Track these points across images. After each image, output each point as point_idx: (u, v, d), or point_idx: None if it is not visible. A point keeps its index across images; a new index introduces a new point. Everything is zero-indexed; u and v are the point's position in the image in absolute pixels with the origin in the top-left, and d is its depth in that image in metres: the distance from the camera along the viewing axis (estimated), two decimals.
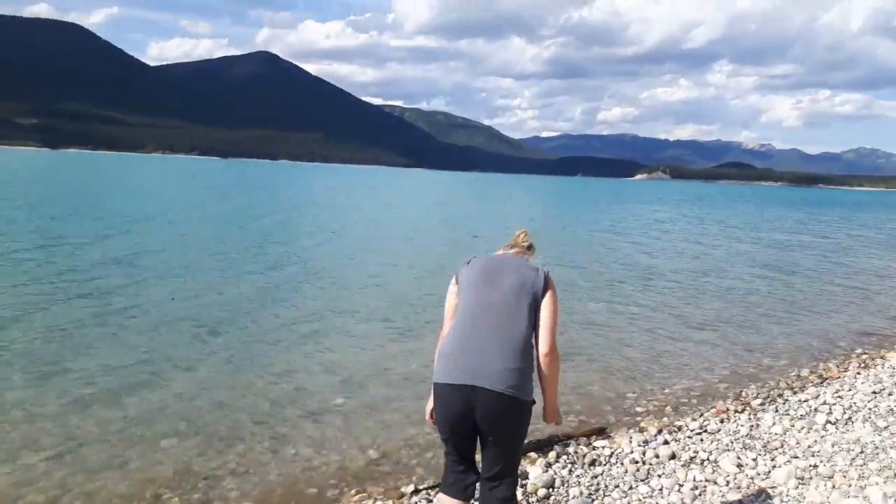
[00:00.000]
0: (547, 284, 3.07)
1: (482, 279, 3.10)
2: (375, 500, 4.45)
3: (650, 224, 34.79)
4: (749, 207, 65.70)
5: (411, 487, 4.62)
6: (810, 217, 50.85)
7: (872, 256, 22.94)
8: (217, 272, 13.36)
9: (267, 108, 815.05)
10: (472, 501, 3.14)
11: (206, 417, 5.98)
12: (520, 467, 4.95)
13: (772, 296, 13.85)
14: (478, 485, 3.13)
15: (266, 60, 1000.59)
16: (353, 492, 4.77)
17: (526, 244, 3.38)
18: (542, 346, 3.01)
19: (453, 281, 3.20)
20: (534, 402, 3.01)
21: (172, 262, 14.28)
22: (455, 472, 3.14)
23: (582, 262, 17.92)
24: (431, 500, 4.35)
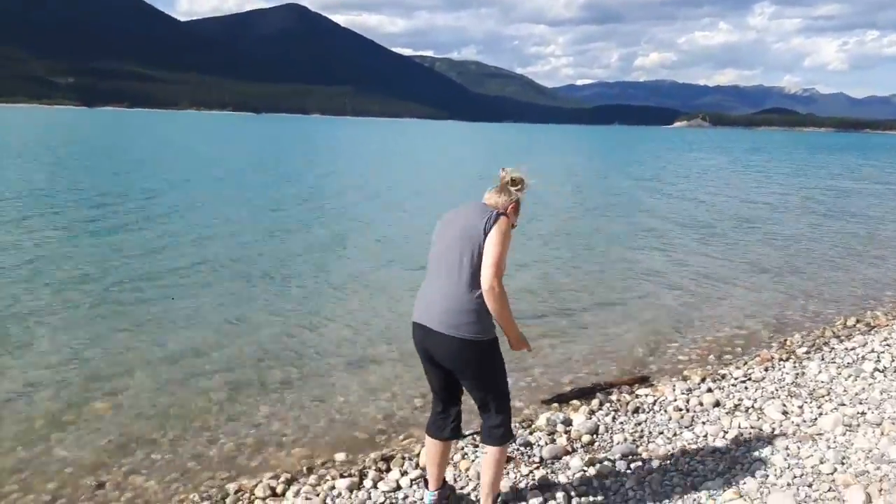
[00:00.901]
0: (492, 225, 3.08)
1: (442, 228, 3.29)
2: (422, 444, 4.55)
3: (690, 173, 34.15)
4: (795, 154, 63.93)
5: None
6: (858, 163, 49.35)
7: None
8: (256, 228, 13.56)
9: (297, 62, 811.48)
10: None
11: (255, 367, 6.15)
12: (559, 413, 5.05)
13: (817, 243, 13.60)
14: (459, 427, 3.48)
15: (295, 13, 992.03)
16: (401, 437, 4.90)
17: (506, 180, 3.33)
18: (482, 280, 3.05)
19: (434, 232, 3.36)
20: (492, 339, 3.16)
21: (212, 217, 14.53)
22: (435, 412, 3.47)
23: (622, 212, 17.80)
24: (478, 446, 4.44)
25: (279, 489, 4.10)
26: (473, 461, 4.26)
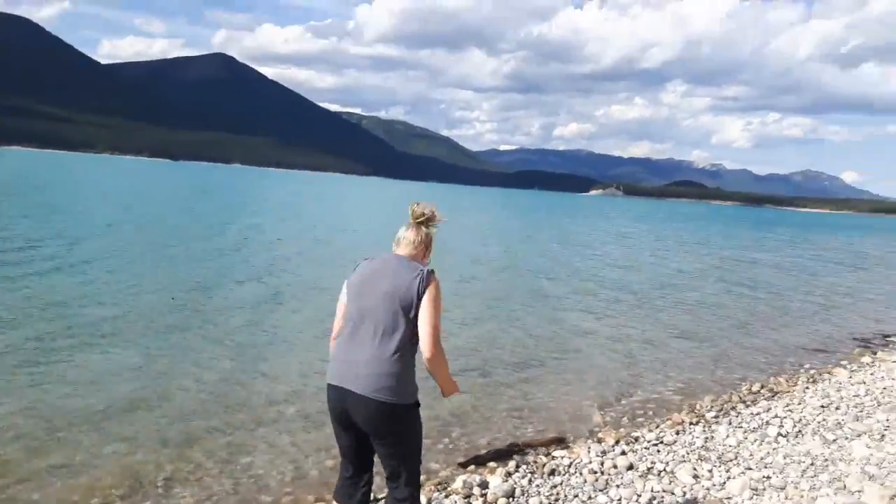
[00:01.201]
0: (425, 287, 2.99)
1: (362, 285, 3.11)
2: None
3: (609, 239, 35.34)
4: (702, 225, 67.31)
5: (383, 493, 4.53)
6: (762, 235, 52.39)
7: (823, 274, 23.76)
8: (176, 279, 13.04)
9: (222, 111, 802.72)
10: None
11: (156, 425, 5.78)
12: (476, 476, 4.96)
13: (725, 309, 14.18)
14: (369, 493, 3.28)
15: (222, 62, 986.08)
16: (312, 499, 4.67)
17: (420, 218, 3.22)
18: (423, 351, 2.99)
19: (344, 284, 3.22)
20: (415, 403, 3.06)
21: (132, 266, 13.89)
22: (343, 477, 3.27)
23: (545, 273, 18.17)
24: None
25: None
26: None
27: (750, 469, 5.23)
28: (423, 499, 4.44)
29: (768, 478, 5.01)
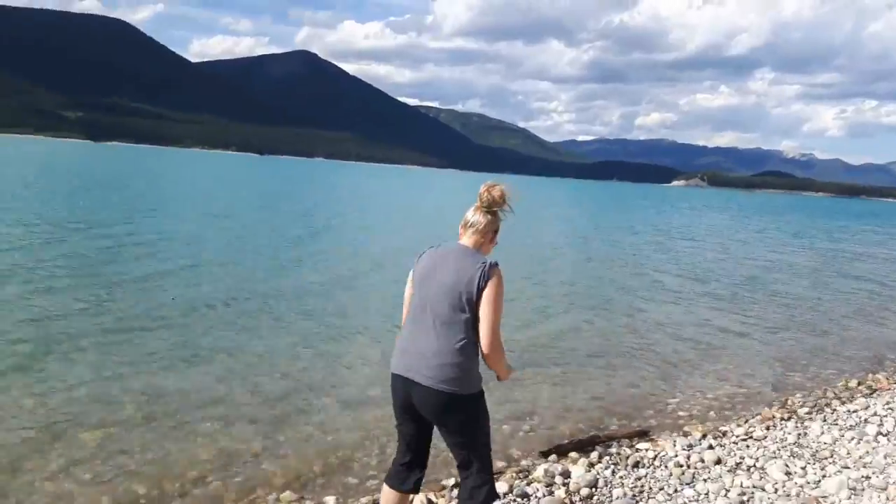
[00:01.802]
0: (487, 279, 2.94)
1: (425, 276, 3.08)
2: None
3: (696, 230, 34.32)
4: (794, 216, 64.45)
5: (452, 481, 4.58)
6: (859, 227, 49.73)
7: None
8: (263, 265, 13.52)
9: (305, 107, 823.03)
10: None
11: (247, 403, 6.03)
12: (558, 465, 4.93)
13: (820, 303, 13.58)
14: (423, 481, 3.32)
15: (305, 59, 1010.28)
16: None
17: (487, 202, 3.11)
18: (482, 345, 2.97)
19: (410, 274, 3.20)
20: (479, 392, 3.05)
21: (209, 251, 14.50)
22: (399, 464, 3.27)
23: (630, 265, 17.88)
24: None
25: None
26: None
27: (847, 468, 5.00)
28: (504, 486, 4.46)
29: (867, 477, 4.77)
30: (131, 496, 4.35)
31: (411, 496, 3.33)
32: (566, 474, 4.77)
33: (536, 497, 4.39)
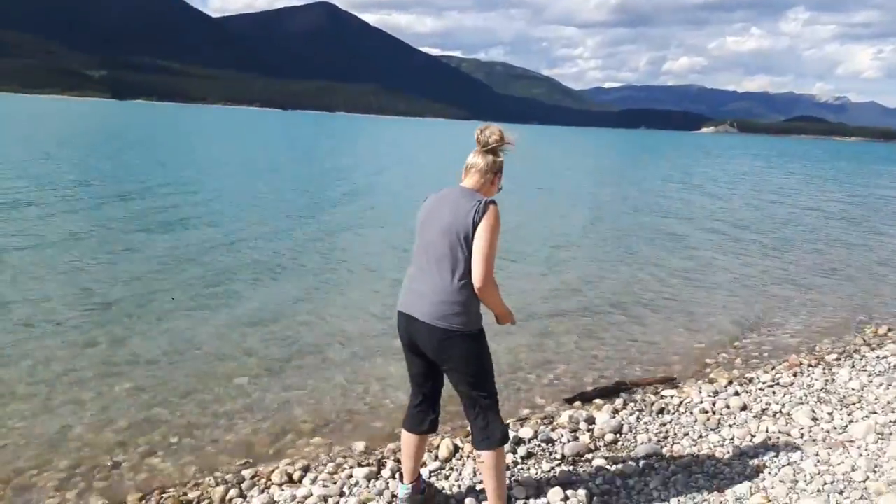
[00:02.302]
0: (481, 216, 2.94)
1: (426, 218, 3.13)
2: (442, 437, 4.49)
3: (725, 177, 33.74)
4: (827, 163, 62.95)
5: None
6: (892, 172, 48.51)
7: None
8: (301, 222, 13.63)
9: (326, 60, 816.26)
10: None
11: (277, 353, 6.14)
12: (582, 411, 4.97)
13: (849, 251, 13.34)
14: (437, 421, 3.39)
15: (326, 11, 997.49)
16: None
17: (487, 145, 3.12)
18: (474, 278, 2.96)
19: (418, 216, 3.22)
20: (479, 331, 3.07)
21: (227, 210, 14.62)
22: (413, 406, 3.37)
23: (655, 213, 17.67)
24: None
25: (296, 476, 4.05)
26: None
27: (875, 413, 4.96)
28: (528, 432, 4.51)
29: (895, 422, 4.74)
30: (164, 444, 4.48)
31: (430, 437, 3.39)
32: (591, 420, 4.81)
33: (561, 442, 4.44)
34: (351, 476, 3.99)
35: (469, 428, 3.30)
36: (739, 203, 21.56)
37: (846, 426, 4.73)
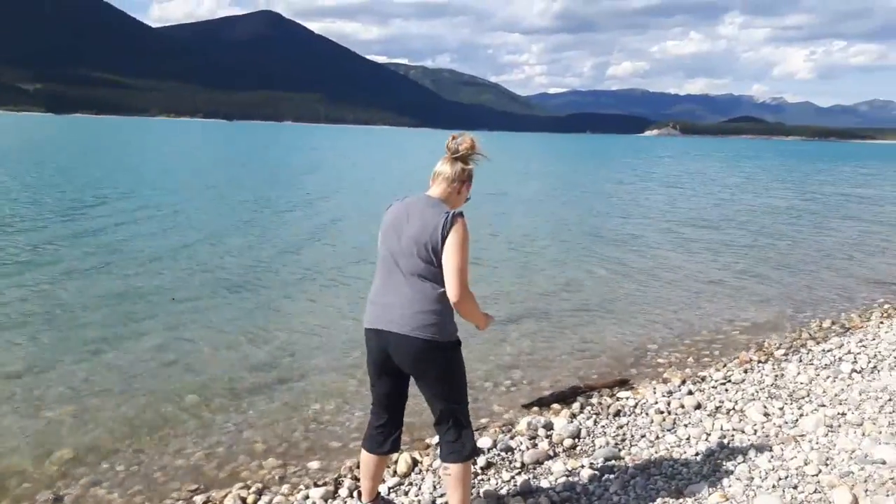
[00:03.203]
0: (449, 229, 2.88)
1: (391, 227, 3.03)
2: (400, 451, 4.40)
3: (668, 179, 34.45)
4: (767, 162, 65.02)
5: (437, 439, 4.58)
6: (829, 170, 50.36)
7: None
8: (238, 238, 13.35)
9: (271, 69, 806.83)
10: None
11: (226, 374, 5.96)
12: (540, 417, 4.96)
13: (791, 245, 13.77)
14: (400, 440, 3.31)
15: (269, 19, 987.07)
16: None
17: (457, 153, 3.06)
18: (449, 295, 2.90)
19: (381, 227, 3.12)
20: (456, 342, 3.02)
21: (197, 224, 14.26)
22: (374, 426, 3.25)
23: (603, 214, 17.93)
24: None
25: (250, 500, 3.93)
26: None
27: (823, 406, 5.08)
28: (487, 441, 4.47)
29: (843, 414, 4.86)
30: (110, 473, 4.28)
31: (391, 456, 3.31)
32: (549, 426, 4.80)
33: (520, 450, 4.41)
34: (307, 497, 3.89)
35: (428, 440, 3.24)
36: (685, 202, 22.07)
37: (797, 420, 4.82)
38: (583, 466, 4.13)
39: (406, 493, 3.87)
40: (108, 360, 6.16)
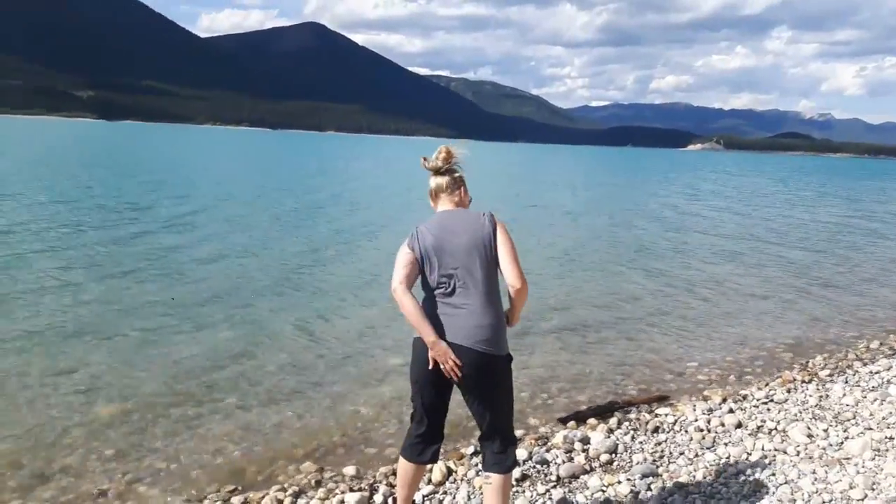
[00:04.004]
0: (494, 226, 3.04)
1: (440, 246, 3.02)
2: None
3: (715, 194, 33.93)
4: (816, 177, 63.61)
5: (471, 449, 4.59)
6: (883, 187, 49.08)
7: None
8: (289, 243, 13.56)
9: (315, 80, 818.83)
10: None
11: (267, 377, 6.06)
12: (577, 431, 4.92)
13: (839, 265, 13.39)
14: (440, 451, 3.31)
15: (314, 31, 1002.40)
16: None
17: (434, 168, 3.19)
18: (509, 279, 3.00)
19: (406, 247, 3.07)
20: (510, 357, 3.05)
21: (250, 229, 14.54)
22: (415, 435, 3.22)
23: (644, 230, 17.70)
24: None
25: (286, 502, 3.97)
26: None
27: (870, 429, 4.93)
28: (523, 453, 4.45)
29: (891, 438, 4.71)
30: (151, 470, 4.38)
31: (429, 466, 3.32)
32: (585, 440, 4.76)
33: (556, 463, 4.38)
34: (343, 502, 3.92)
35: (463, 450, 3.23)
36: (731, 216, 21.70)
37: (842, 443, 4.69)
38: (619, 482, 4.09)
39: (440, 502, 3.88)
40: (147, 362, 6.30)
